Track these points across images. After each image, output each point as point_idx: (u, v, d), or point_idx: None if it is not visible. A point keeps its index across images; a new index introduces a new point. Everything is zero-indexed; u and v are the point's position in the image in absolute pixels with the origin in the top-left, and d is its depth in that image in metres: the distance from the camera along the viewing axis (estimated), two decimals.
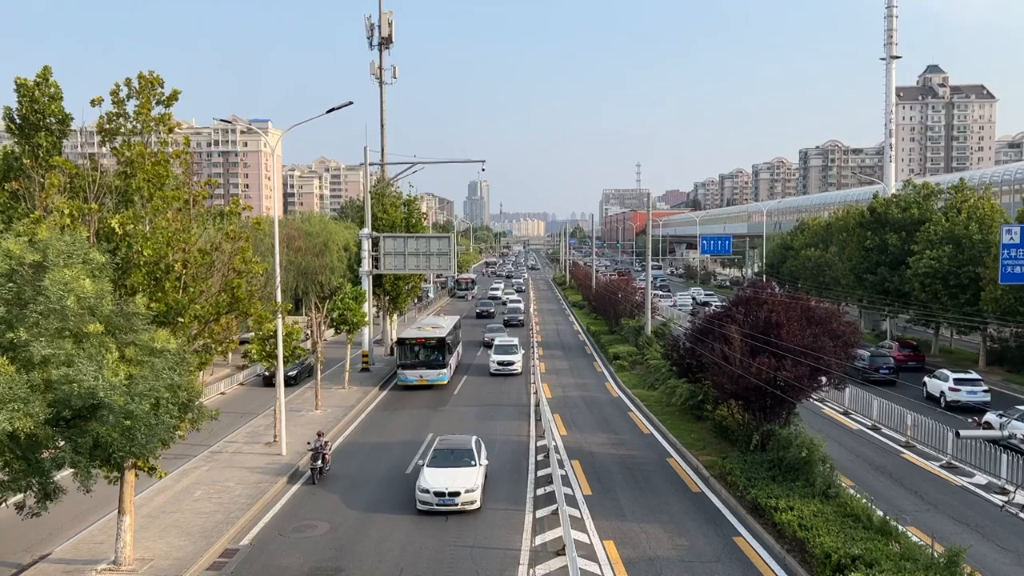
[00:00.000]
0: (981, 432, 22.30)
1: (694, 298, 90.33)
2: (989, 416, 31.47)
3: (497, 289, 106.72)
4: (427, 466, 23.60)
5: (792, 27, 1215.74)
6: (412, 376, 42.01)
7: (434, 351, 42.45)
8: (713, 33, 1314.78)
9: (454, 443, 25.26)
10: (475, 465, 23.67)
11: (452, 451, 24.46)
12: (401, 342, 43.00)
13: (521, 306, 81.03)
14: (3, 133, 18.62)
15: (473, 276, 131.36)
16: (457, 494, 22.25)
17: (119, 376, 13.42)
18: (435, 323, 48.95)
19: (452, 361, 45.18)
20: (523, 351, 49.59)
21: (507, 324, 70.80)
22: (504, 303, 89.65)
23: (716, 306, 79.48)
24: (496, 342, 49.91)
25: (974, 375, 38.25)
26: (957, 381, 37.08)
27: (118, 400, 13.32)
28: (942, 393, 37.34)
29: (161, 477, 19.33)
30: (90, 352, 13.38)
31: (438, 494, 22.24)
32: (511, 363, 46.41)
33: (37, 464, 13.84)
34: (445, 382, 42.58)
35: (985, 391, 36.91)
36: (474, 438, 25.76)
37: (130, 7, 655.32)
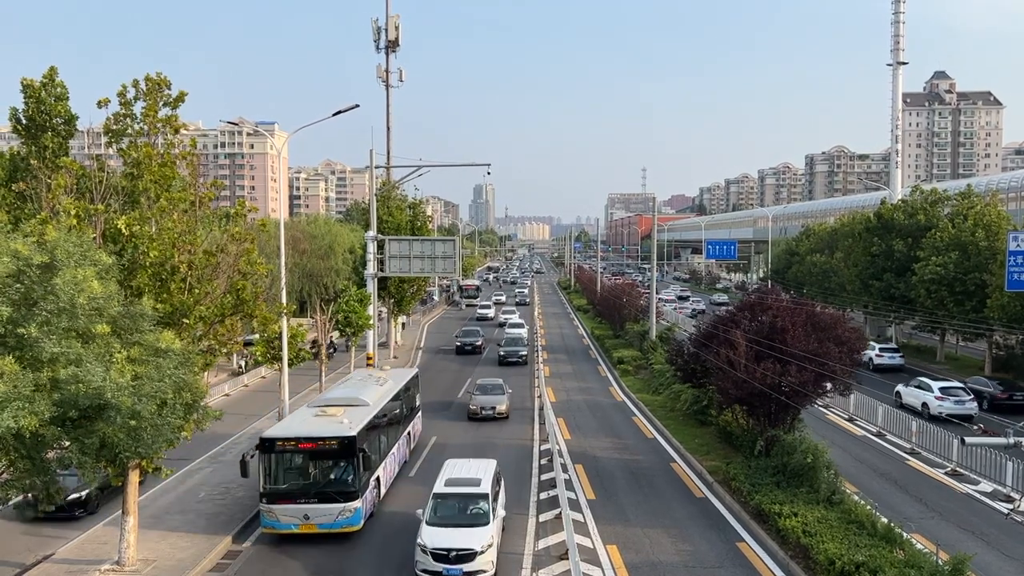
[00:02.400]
0: (987, 439, 22.19)
1: (677, 295, 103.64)
2: (899, 387, 38.69)
3: (488, 308, 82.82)
4: None
5: (798, 33, 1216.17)
6: (289, 518, 20.33)
7: (336, 465, 21.20)
8: (718, 38, 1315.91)
9: None
10: None
11: None
12: (268, 445, 20.62)
13: (524, 332, 60.63)
14: (10, 134, 18.69)
15: (478, 283, 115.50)
16: None
17: (126, 377, 13.46)
18: (353, 395, 24.97)
19: (384, 470, 24.06)
20: (502, 513, 20.66)
21: (503, 362, 51.39)
22: (502, 324, 69.20)
23: (692, 300, 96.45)
24: (441, 484, 20.36)
25: (892, 345, 52.08)
26: (881, 349, 50.11)
27: (125, 401, 13.35)
28: (870, 359, 48.37)
29: (166, 477, 19.38)
30: (97, 352, 13.42)
31: None
32: (463, 556, 18.07)
33: (42, 464, 13.87)
34: (357, 527, 20.89)
35: (901, 357, 49.78)
36: None
37: (135, 8, 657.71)
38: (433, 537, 18.34)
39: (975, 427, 32.21)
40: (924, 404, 35.83)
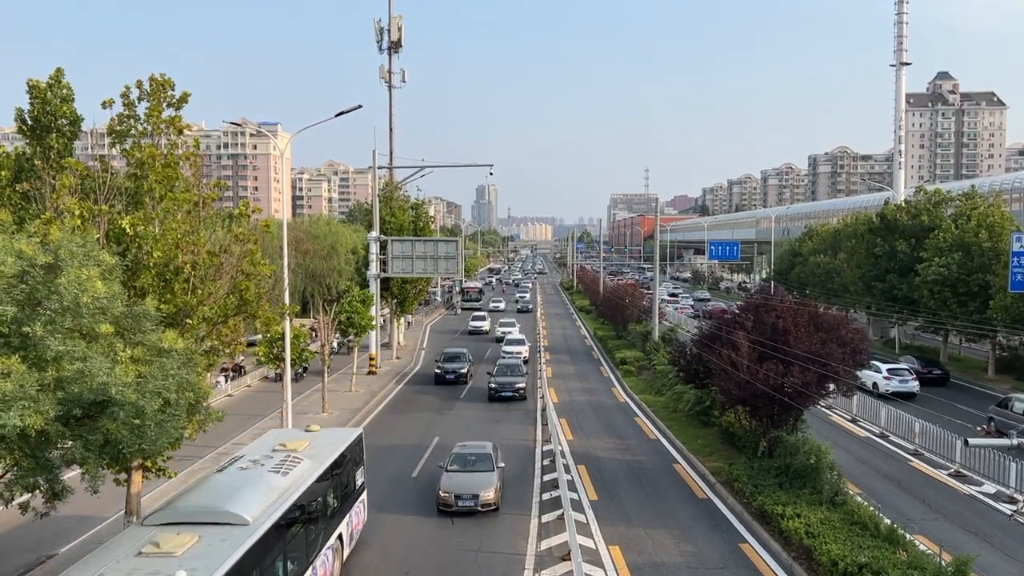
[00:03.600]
0: (991, 440, 22.22)
1: (669, 293, 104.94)
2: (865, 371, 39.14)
3: (482, 320, 70.67)
4: None
5: (799, 33, 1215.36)
6: None
7: None
8: (721, 39, 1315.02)
9: None
10: None
11: None
12: None
13: (524, 352, 50.51)
14: (15, 134, 18.74)
15: (480, 285, 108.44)
16: None
17: (130, 375, 13.49)
18: (220, 505, 14.20)
19: None
20: None
21: (495, 398, 39.48)
22: (499, 339, 59.07)
23: (681, 296, 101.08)
24: None
25: None
26: None
27: (130, 396, 13.37)
28: None
29: (171, 477, 19.40)
30: (101, 351, 13.46)
31: None
32: None
33: (46, 462, 13.89)
34: None
35: None
36: None
37: (135, 8, 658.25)
38: None
39: (979, 428, 32.25)
40: (874, 384, 40.15)
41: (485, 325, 69.30)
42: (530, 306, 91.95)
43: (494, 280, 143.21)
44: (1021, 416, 31.35)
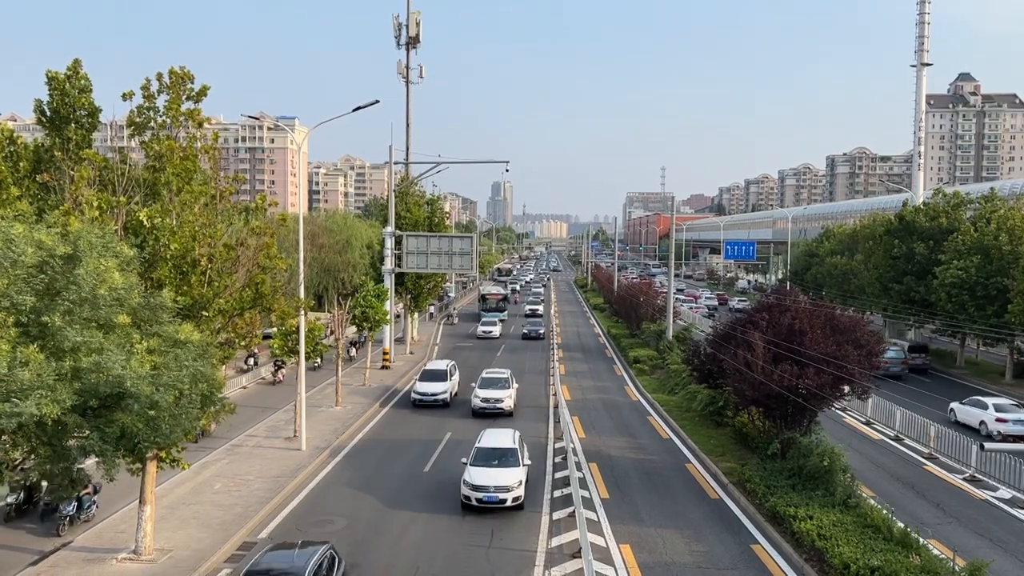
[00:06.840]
0: (1007, 446, 22.05)
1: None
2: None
3: (440, 377, 37.79)
4: None
5: (822, 34, 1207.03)
6: None
7: None
8: (740, 39, 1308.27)
9: None
10: None
11: None
12: None
13: (511, 483, 22.25)
14: (35, 125, 18.93)
15: (505, 292, 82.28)
16: None
17: (145, 367, 13.60)
18: None
19: None
20: None
21: None
22: (479, 411, 34.35)
23: (677, 291, 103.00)
24: None
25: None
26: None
27: (144, 389, 13.48)
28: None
29: (185, 468, 19.54)
30: (118, 342, 13.57)
31: None
32: None
33: (63, 451, 14.03)
34: None
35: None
36: None
37: (154, 4, 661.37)
38: None
39: (995, 433, 31.99)
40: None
41: (443, 389, 37.20)
42: (541, 330, 64.49)
43: (510, 289, 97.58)
44: None
